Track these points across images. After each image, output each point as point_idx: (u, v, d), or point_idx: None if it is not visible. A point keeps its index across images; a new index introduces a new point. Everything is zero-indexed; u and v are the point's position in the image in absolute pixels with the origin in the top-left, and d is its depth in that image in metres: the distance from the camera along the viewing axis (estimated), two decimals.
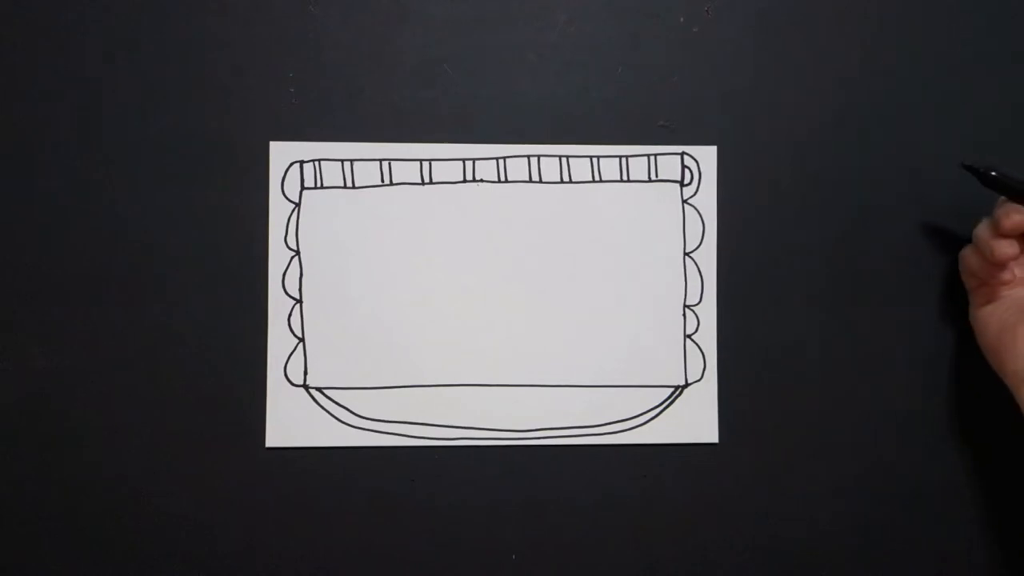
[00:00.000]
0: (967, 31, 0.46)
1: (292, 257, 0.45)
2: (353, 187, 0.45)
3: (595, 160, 0.45)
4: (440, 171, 0.45)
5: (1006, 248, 0.39)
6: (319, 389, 0.45)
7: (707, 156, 0.45)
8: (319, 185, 0.45)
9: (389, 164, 0.45)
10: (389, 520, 0.45)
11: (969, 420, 0.46)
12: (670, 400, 0.45)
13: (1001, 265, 0.39)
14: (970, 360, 0.44)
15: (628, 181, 0.45)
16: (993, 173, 0.40)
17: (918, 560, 0.46)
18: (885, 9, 0.46)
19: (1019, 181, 0.39)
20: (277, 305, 0.45)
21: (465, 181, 0.45)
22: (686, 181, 0.46)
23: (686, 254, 0.46)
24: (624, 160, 0.45)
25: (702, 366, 0.46)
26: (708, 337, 0.46)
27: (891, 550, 0.46)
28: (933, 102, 0.46)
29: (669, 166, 0.45)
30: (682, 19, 0.46)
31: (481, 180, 0.45)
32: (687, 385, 0.46)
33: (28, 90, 0.44)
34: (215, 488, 0.44)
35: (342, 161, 0.45)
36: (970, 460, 0.46)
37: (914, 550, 0.46)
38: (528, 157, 0.45)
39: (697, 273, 0.46)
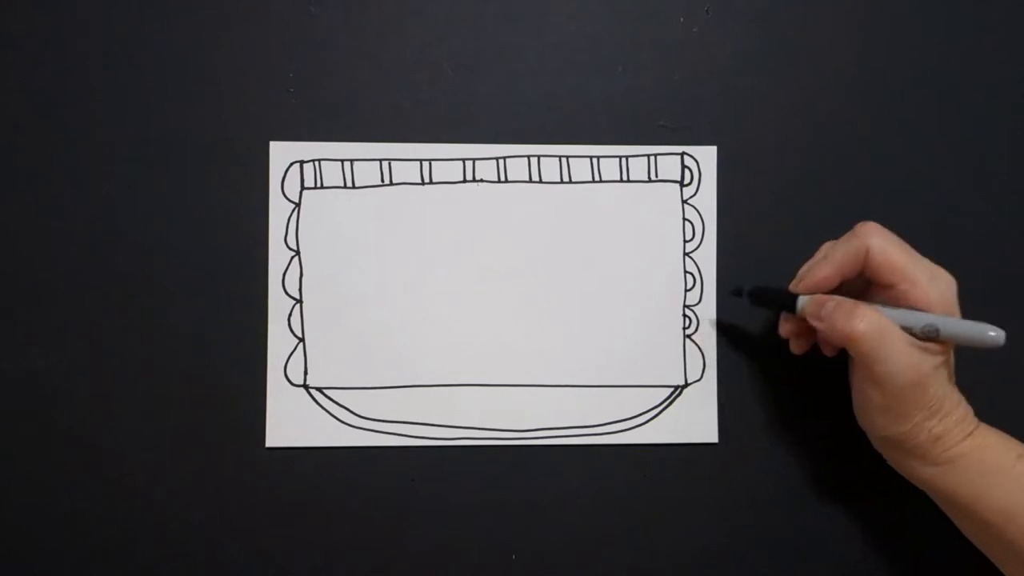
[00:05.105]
0: (967, 31, 0.46)
1: (292, 257, 0.45)
2: (353, 187, 0.45)
3: (595, 160, 0.45)
4: (440, 171, 0.45)
5: (800, 345, 0.43)
6: (319, 389, 0.45)
7: (707, 156, 0.45)
8: (319, 185, 0.45)
9: (389, 164, 0.45)
10: (389, 520, 0.45)
11: None
12: (670, 400, 0.45)
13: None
14: (968, 358, 0.43)
15: (628, 181, 0.45)
16: (753, 289, 0.43)
17: (919, 559, 0.46)
18: (885, 9, 0.46)
19: (777, 292, 0.42)
20: (277, 305, 0.45)
21: (465, 181, 0.45)
22: (686, 181, 0.46)
23: (686, 254, 0.46)
24: (624, 160, 0.45)
25: (702, 366, 0.46)
26: (708, 337, 0.46)
27: (891, 550, 0.46)
28: (933, 102, 0.46)
29: (669, 166, 0.45)
30: (682, 19, 0.46)
31: (481, 180, 0.45)
32: (687, 385, 0.46)
33: (28, 90, 0.44)
34: (215, 488, 0.44)
35: (342, 161, 0.45)
36: None
37: (915, 550, 0.46)
38: (528, 157, 0.45)
39: (697, 273, 0.46)
